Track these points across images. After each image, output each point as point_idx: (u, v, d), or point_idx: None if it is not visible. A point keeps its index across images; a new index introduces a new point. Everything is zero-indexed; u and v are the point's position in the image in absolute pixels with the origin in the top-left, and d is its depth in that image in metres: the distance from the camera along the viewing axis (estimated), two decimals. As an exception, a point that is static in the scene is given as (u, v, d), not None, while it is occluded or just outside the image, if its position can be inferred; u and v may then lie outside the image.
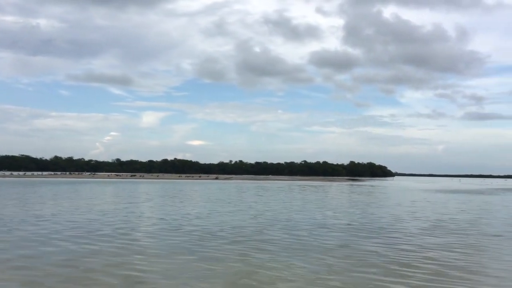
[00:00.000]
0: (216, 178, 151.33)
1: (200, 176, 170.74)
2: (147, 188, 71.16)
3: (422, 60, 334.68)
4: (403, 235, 21.75)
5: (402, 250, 17.55)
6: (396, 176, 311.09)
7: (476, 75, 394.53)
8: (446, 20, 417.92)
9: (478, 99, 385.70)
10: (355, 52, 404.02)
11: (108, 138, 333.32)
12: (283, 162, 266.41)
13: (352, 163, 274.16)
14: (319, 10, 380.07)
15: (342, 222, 26.93)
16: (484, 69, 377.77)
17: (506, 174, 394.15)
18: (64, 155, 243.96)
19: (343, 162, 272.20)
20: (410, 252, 17.02)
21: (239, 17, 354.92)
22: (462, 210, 36.94)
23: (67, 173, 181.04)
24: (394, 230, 23.33)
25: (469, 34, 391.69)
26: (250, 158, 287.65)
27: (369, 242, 19.24)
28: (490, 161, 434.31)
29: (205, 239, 19.29)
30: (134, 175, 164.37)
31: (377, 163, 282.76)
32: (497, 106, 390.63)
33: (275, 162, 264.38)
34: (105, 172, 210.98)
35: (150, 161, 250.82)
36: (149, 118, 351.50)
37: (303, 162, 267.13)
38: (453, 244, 19.19)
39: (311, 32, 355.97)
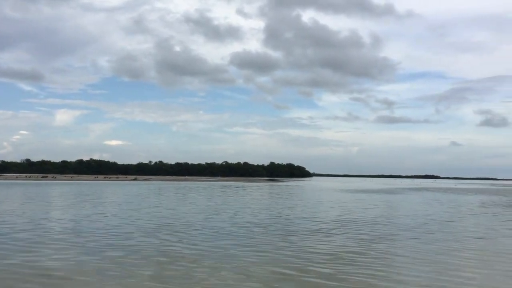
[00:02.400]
0: (135, 179, 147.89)
1: (117, 177, 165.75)
2: (52, 190, 68.17)
3: (338, 64, 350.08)
4: (289, 233, 22.90)
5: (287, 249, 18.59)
6: (314, 177, 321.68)
7: (388, 81, 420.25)
8: (362, 27, 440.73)
9: (389, 104, 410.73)
10: (275, 54, 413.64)
11: (17, 137, 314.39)
12: (204, 163, 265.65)
13: (272, 164, 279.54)
14: (239, 12, 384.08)
15: (226, 222, 27.69)
16: (395, 75, 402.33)
17: (413, 174, 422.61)
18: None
19: (263, 163, 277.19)
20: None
21: (160, 15, 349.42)
22: (365, 208, 39.26)
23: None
24: (289, 229, 24.50)
25: (382, 41, 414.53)
26: (171, 159, 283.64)
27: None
28: (399, 162, 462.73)
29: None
30: (46, 177, 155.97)
31: (296, 164, 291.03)
32: (406, 111, 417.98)
33: (196, 162, 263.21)
34: (14, 173, 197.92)
35: (64, 162, 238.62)
36: (63, 117, 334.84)
37: (224, 163, 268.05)
38: (338, 244, 20.62)
39: (232, 33, 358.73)
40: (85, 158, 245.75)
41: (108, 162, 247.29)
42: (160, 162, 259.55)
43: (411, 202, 49.02)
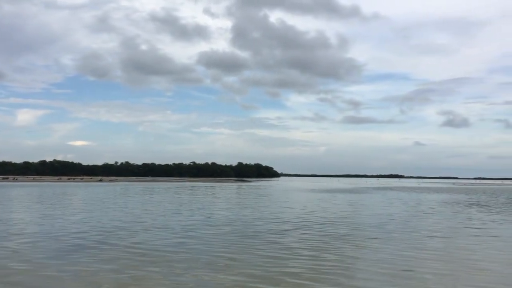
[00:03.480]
0: (100, 180, 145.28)
1: (82, 178, 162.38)
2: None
3: (306, 65, 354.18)
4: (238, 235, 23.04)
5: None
6: (282, 177, 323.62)
7: (354, 82, 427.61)
8: (328, 28, 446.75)
9: (355, 104, 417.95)
10: (243, 54, 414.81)
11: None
12: (172, 163, 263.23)
13: (240, 164, 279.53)
14: (207, 11, 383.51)
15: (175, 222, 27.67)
16: (361, 77, 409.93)
17: (379, 173, 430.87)
18: None
19: (231, 163, 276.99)
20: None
21: (125, 13, 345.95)
22: (328, 208, 39.68)
23: None
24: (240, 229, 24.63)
25: (349, 42, 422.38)
26: (137, 159, 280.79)
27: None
28: (365, 161, 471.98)
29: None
30: (7, 178, 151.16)
31: (264, 164, 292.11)
32: (371, 111, 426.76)
33: (163, 163, 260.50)
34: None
35: (26, 163, 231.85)
36: (25, 116, 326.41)
37: (191, 163, 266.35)
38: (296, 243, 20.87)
39: (200, 32, 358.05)
40: (48, 159, 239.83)
41: (72, 163, 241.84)
42: (127, 162, 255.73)
43: (374, 202, 49.87)
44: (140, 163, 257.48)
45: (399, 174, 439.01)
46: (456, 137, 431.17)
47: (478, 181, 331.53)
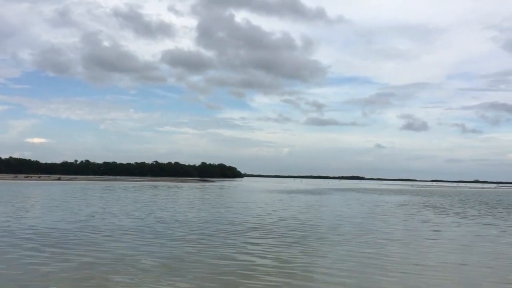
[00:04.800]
0: (59, 179, 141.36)
1: (39, 177, 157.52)
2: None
3: (271, 66, 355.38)
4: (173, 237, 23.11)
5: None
6: (245, 177, 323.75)
7: (318, 84, 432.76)
8: (294, 30, 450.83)
9: (319, 106, 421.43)
10: (208, 54, 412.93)
11: None
12: (134, 163, 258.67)
13: (203, 164, 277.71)
14: (171, 9, 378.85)
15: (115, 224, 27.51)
16: (325, 79, 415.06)
17: (341, 175, 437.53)
18: None
19: (195, 163, 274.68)
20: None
21: (88, 8, 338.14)
22: (285, 209, 40.03)
23: None
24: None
25: (314, 44, 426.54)
26: (98, 158, 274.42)
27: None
28: (328, 163, 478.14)
29: None
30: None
31: (228, 164, 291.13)
32: (334, 113, 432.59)
33: (125, 162, 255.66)
34: None
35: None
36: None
37: (154, 163, 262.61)
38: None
39: (164, 30, 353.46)
40: (4, 156, 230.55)
41: (29, 160, 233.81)
42: (87, 161, 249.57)
43: (333, 203, 50.68)
44: (101, 161, 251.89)
45: (361, 175, 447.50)
46: (415, 140, 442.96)
47: (435, 183, 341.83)
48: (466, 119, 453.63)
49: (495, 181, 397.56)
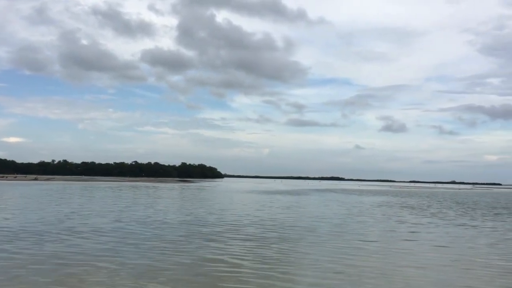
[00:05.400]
0: (35, 179, 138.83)
1: (15, 177, 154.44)
2: None
3: (251, 66, 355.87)
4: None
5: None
6: (225, 178, 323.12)
7: (298, 85, 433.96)
8: (275, 30, 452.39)
9: (299, 107, 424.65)
10: (188, 53, 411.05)
11: None
12: (113, 163, 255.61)
13: (183, 164, 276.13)
14: (151, 8, 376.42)
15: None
16: (305, 80, 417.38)
17: (321, 175, 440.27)
18: None
19: (175, 163, 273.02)
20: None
21: (66, 5, 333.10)
22: (263, 210, 40.01)
23: None
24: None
25: (295, 46, 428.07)
26: (76, 158, 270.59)
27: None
28: (308, 163, 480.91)
29: None
30: None
31: (208, 164, 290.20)
32: (315, 114, 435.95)
33: (104, 162, 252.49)
34: None
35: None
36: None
37: (133, 163, 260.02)
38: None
39: (144, 29, 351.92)
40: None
41: (5, 160, 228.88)
42: (65, 161, 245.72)
43: (312, 204, 50.85)
44: (79, 162, 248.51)
45: (340, 176, 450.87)
46: (393, 142, 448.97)
47: (413, 184, 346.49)
48: (443, 121, 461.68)
49: (471, 182, 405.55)
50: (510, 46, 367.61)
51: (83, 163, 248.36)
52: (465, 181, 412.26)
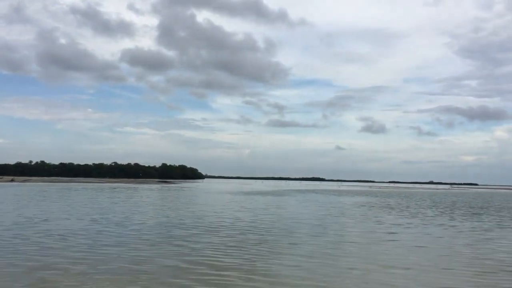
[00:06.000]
0: (12, 180, 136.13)
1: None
2: None
3: (233, 67, 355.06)
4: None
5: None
6: (206, 178, 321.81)
7: (279, 86, 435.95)
8: (256, 31, 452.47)
9: (280, 108, 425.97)
10: (169, 53, 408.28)
11: None
12: (92, 164, 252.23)
13: (164, 165, 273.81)
14: (131, 7, 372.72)
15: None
16: (286, 81, 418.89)
17: (302, 176, 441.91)
18: None
19: (155, 164, 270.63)
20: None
21: (43, 4, 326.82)
22: (241, 211, 39.83)
23: None
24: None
25: (276, 46, 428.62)
26: (55, 159, 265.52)
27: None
28: (289, 164, 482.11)
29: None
30: None
31: (189, 165, 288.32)
32: (295, 115, 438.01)
33: (82, 163, 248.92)
34: None
35: None
36: None
37: (113, 164, 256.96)
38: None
39: (124, 28, 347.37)
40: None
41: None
42: (42, 162, 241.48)
43: (291, 204, 50.82)
44: (57, 162, 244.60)
45: (321, 177, 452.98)
46: (373, 143, 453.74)
47: (392, 184, 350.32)
48: (422, 122, 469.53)
49: (449, 182, 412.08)
50: (487, 48, 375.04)
51: (61, 164, 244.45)
52: (443, 181, 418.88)
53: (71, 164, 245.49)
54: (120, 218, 30.52)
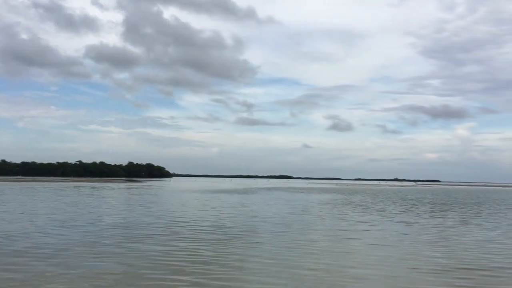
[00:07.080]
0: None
1: None
2: None
3: (200, 64, 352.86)
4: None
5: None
6: (174, 177, 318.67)
7: (248, 84, 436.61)
8: (224, 29, 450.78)
9: (248, 106, 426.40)
10: (135, 50, 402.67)
11: None
12: (55, 162, 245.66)
13: (130, 164, 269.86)
14: (95, 3, 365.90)
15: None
16: (254, 79, 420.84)
17: (269, 174, 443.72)
18: None
19: (121, 163, 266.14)
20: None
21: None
22: (205, 210, 38.73)
23: None
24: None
25: (244, 44, 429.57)
26: (16, 158, 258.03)
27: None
28: (257, 162, 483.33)
29: None
30: None
31: (156, 164, 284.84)
32: (264, 113, 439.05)
33: (45, 162, 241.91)
34: None
35: None
36: None
37: (78, 162, 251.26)
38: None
39: (88, 24, 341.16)
40: None
41: None
42: (3, 161, 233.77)
43: (257, 202, 50.37)
44: (19, 161, 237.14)
45: (289, 175, 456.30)
46: (340, 141, 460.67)
47: (358, 182, 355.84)
48: (387, 120, 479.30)
49: (413, 179, 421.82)
50: (449, 49, 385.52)
51: (23, 163, 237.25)
52: (407, 178, 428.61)
53: (33, 163, 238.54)
54: (78, 219, 29.07)
